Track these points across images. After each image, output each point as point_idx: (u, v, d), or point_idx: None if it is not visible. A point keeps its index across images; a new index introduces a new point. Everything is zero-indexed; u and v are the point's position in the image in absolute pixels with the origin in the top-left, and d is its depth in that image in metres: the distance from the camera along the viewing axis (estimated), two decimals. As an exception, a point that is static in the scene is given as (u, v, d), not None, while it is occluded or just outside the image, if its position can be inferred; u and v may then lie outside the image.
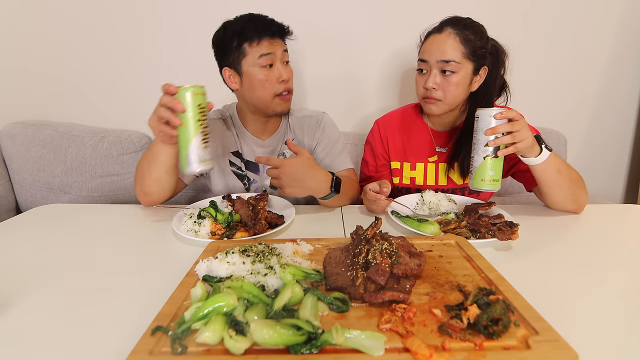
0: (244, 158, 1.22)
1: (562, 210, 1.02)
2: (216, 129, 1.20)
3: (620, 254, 0.78)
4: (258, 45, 1.03)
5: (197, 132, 0.78)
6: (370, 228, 0.69)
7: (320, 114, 1.27)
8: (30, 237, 0.89)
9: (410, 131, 1.21)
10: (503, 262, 0.69)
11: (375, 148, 1.25)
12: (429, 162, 1.18)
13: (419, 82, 1.07)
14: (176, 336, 0.46)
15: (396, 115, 1.25)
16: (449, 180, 1.17)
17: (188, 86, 0.77)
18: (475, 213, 0.92)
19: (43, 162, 1.53)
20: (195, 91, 0.77)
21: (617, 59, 1.64)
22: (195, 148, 0.78)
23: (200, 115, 0.78)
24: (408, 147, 1.21)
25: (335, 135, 1.24)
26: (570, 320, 0.54)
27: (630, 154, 1.78)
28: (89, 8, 1.55)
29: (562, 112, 1.70)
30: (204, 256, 0.69)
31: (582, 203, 1.00)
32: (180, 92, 0.77)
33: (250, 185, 1.23)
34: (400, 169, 1.22)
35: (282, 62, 1.07)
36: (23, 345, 0.51)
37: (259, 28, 1.02)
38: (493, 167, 0.85)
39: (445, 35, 1.01)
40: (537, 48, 1.60)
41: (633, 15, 1.59)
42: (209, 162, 0.81)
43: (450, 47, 1.00)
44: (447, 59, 1.00)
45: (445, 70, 1.01)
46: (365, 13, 1.56)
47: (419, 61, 1.06)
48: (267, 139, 1.22)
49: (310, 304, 0.51)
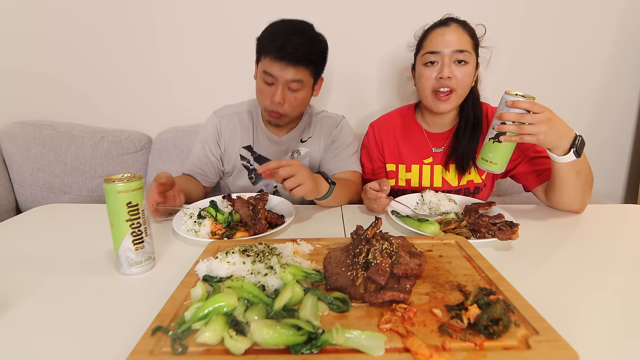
0: (255, 152, 1.22)
1: (564, 210, 1.02)
2: (230, 127, 1.22)
3: (621, 254, 0.78)
4: (266, 60, 1.04)
5: (124, 233, 0.67)
6: (371, 228, 0.69)
7: (340, 117, 1.28)
8: (30, 237, 0.89)
9: (405, 133, 1.21)
10: (503, 262, 0.69)
11: (371, 151, 1.26)
12: (424, 164, 1.19)
13: (429, 75, 1.05)
14: (176, 336, 0.46)
15: (390, 118, 1.26)
16: (444, 182, 1.17)
17: (114, 183, 0.65)
18: (476, 213, 0.92)
19: (43, 162, 1.53)
20: (121, 189, 0.65)
21: (617, 59, 1.64)
22: (123, 250, 0.68)
23: (130, 214, 0.67)
24: (403, 149, 1.21)
25: (349, 138, 1.25)
26: (571, 320, 0.54)
27: (630, 154, 1.78)
28: (89, 9, 1.55)
29: (562, 112, 1.67)
30: (204, 256, 0.69)
31: (586, 203, 1.00)
32: (105, 188, 0.66)
33: (259, 181, 1.23)
34: (395, 171, 1.22)
35: (286, 87, 1.05)
36: (23, 345, 0.51)
37: (273, 44, 1.01)
38: (493, 150, 0.85)
39: (454, 28, 1.03)
40: (537, 48, 1.60)
41: (633, 15, 1.59)
42: (141, 264, 0.70)
43: (463, 38, 1.02)
44: (461, 48, 1.02)
45: (461, 60, 1.02)
46: (366, 14, 1.56)
47: (428, 53, 1.04)
48: (283, 136, 1.22)
49: (310, 304, 0.51)
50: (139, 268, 0.70)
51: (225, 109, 1.25)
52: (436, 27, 1.06)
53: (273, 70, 1.03)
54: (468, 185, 1.16)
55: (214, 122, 1.23)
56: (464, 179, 1.16)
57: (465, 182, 1.16)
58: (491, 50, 1.13)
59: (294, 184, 0.87)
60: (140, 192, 0.68)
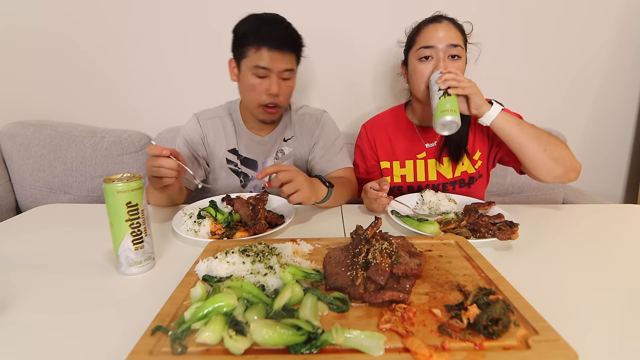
0: (240, 155, 1.21)
1: (553, 179, 1.00)
2: (213, 130, 1.20)
3: (621, 254, 0.78)
4: (256, 53, 1.02)
5: (124, 233, 0.67)
6: (370, 228, 0.69)
7: (321, 112, 1.27)
8: (30, 237, 0.89)
9: (397, 131, 1.23)
10: (503, 262, 0.69)
11: (364, 150, 1.27)
12: (417, 159, 1.20)
13: (424, 70, 1.05)
14: (176, 336, 0.46)
15: (382, 117, 1.28)
16: (439, 175, 1.19)
17: (114, 183, 0.66)
18: (475, 213, 0.92)
19: (43, 162, 1.53)
20: (121, 188, 0.66)
21: (617, 59, 1.64)
22: (123, 250, 0.68)
23: (130, 214, 0.67)
24: (396, 146, 1.22)
25: (334, 133, 1.24)
26: (571, 320, 0.54)
27: (630, 154, 1.78)
28: (90, 8, 1.55)
29: (562, 112, 1.70)
30: (203, 256, 0.69)
31: (569, 164, 0.98)
32: (105, 188, 0.66)
33: (248, 183, 1.23)
34: (390, 168, 1.23)
35: (279, 77, 1.05)
36: (23, 345, 0.51)
37: (262, 35, 1.00)
38: (449, 101, 0.94)
39: (447, 24, 1.05)
40: (537, 47, 1.60)
41: (633, 15, 1.59)
42: (141, 264, 0.70)
43: (455, 34, 1.05)
44: (455, 43, 1.03)
45: (454, 55, 1.04)
46: (361, 12, 1.56)
47: (423, 48, 1.05)
48: (265, 136, 1.22)
49: (310, 303, 0.51)
50: (138, 268, 0.70)
51: (206, 113, 1.23)
52: (428, 23, 1.07)
53: (266, 61, 1.01)
54: (462, 176, 1.18)
55: (197, 124, 1.20)
56: (458, 170, 1.17)
57: (460, 173, 1.17)
58: (480, 47, 1.16)
59: (291, 190, 0.86)
60: (140, 192, 0.68)
